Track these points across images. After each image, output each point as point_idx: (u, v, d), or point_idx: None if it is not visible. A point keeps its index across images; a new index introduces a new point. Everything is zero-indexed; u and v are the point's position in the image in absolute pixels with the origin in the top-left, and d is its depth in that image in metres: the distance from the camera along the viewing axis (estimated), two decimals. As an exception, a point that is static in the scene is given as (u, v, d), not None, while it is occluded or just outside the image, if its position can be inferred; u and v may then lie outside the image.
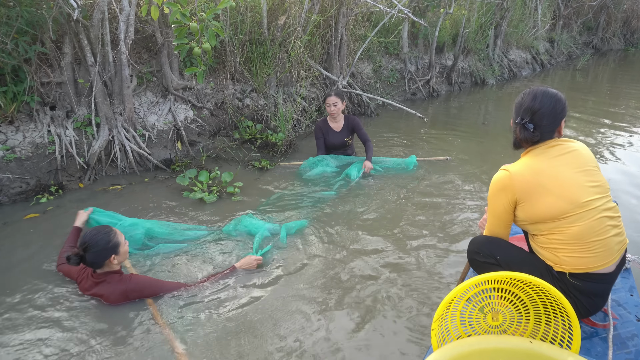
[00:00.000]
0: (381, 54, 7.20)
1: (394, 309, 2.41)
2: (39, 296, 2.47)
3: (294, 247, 3.01)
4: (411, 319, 2.33)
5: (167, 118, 4.57)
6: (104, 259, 2.30)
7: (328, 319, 2.33)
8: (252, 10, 4.92)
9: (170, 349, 2.13)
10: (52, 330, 2.23)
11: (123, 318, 2.31)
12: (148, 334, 2.22)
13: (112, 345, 2.15)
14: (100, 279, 2.36)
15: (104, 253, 2.28)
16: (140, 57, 4.54)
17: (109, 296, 2.35)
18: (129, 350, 2.12)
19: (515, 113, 1.85)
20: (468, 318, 1.68)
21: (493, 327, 1.71)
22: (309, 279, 2.66)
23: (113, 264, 2.34)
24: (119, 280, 2.37)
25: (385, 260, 2.85)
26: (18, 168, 3.64)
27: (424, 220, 3.38)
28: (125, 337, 2.20)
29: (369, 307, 2.42)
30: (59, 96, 4.00)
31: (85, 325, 2.27)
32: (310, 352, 2.12)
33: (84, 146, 3.99)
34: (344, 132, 4.30)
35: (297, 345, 2.16)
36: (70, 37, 3.84)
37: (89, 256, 2.26)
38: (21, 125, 3.81)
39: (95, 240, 2.27)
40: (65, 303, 2.41)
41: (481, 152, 4.93)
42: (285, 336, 2.21)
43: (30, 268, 2.72)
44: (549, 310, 1.64)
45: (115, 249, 2.32)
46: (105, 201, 3.65)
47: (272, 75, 5.29)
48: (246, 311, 2.38)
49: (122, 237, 2.40)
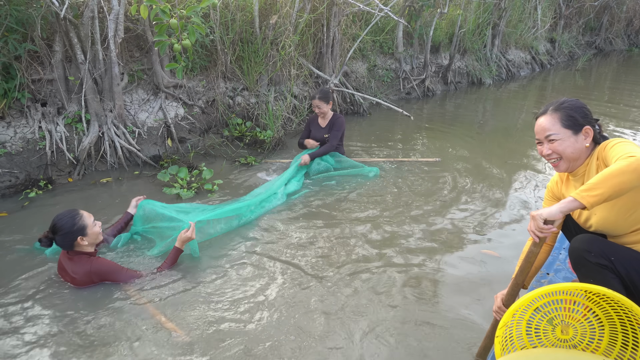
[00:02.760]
0: (376, 53, 7.23)
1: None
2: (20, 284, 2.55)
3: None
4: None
5: (157, 115, 4.65)
6: (71, 241, 2.41)
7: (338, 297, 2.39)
8: (243, 9, 4.99)
9: (156, 322, 2.25)
10: (28, 313, 2.31)
11: (95, 299, 2.43)
12: (127, 312, 2.32)
13: (92, 325, 2.24)
14: (70, 257, 2.47)
15: (70, 235, 2.39)
16: (132, 56, 4.63)
17: (75, 276, 2.45)
18: (113, 329, 2.21)
19: (589, 118, 1.79)
20: (535, 328, 1.59)
21: (562, 341, 1.58)
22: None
23: (83, 245, 2.45)
24: (86, 260, 2.46)
25: (379, 256, 2.89)
26: (8, 162, 3.73)
27: (420, 217, 3.41)
28: (105, 315, 2.30)
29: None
30: (50, 93, 4.10)
31: (60, 307, 2.35)
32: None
33: (74, 142, 4.08)
34: (325, 129, 4.36)
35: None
36: (61, 35, 3.93)
37: (57, 238, 2.40)
38: (12, 121, 3.91)
39: (61, 224, 2.38)
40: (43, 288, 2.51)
41: (477, 150, 4.94)
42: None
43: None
44: (627, 330, 1.48)
45: (81, 231, 2.42)
46: (94, 194, 3.74)
47: (264, 74, 5.35)
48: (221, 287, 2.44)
49: (90, 220, 2.49)
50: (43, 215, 3.34)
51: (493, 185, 3.99)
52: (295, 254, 2.91)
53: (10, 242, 2.99)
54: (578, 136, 1.76)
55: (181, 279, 2.63)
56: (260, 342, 2.14)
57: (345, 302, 2.43)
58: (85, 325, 2.26)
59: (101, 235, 2.60)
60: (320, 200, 3.68)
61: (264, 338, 2.17)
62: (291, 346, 2.13)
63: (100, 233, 2.57)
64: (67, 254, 2.50)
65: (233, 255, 2.89)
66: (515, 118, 6.50)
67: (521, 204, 3.63)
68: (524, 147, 5.09)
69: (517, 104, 7.31)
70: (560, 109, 1.78)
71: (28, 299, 2.43)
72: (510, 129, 5.88)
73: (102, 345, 2.13)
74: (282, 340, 2.16)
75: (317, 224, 3.29)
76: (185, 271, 2.70)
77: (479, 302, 2.43)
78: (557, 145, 1.77)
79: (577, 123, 1.75)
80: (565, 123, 1.76)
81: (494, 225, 3.29)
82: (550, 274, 2.35)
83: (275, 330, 2.23)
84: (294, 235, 3.14)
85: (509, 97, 7.90)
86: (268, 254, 2.91)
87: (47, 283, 2.56)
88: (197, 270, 2.72)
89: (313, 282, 2.61)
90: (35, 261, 2.77)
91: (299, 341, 2.15)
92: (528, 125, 6.02)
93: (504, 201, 3.70)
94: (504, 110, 7.00)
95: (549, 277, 2.32)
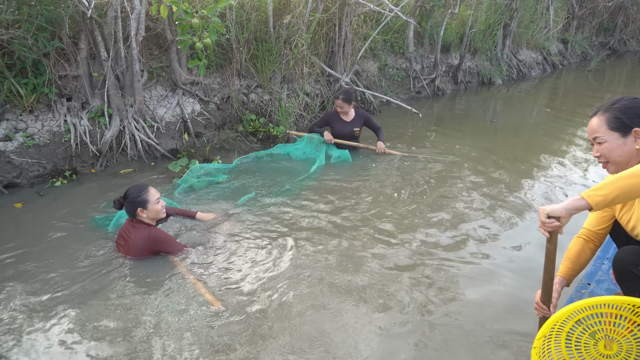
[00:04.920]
0: (387, 53, 7.36)
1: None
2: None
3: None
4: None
5: (175, 111, 4.85)
6: (133, 209, 2.80)
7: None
8: (257, 9, 5.17)
9: (197, 292, 2.50)
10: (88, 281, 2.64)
11: (147, 269, 2.75)
12: (172, 282, 2.61)
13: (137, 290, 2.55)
14: (134, 225, 2.84)
15: (132, 205, 2.79)
16: (151, 53, 4.84)
17: (133, 243, 2.78)
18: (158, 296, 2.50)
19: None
20: (575, 341, 1.52)
21: (604, 357, 1.51)
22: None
23: (142, 216, 2.82)
24: (146, 228, 2.82)
25: (393, 259, 2.91)
26: (36, 153, 3.95)
27: (431, 218, 3.46)
28: (151, 283, 2.62)
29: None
30: (75, 88, 4.32)
31: (111, 274, 2.69)
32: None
33: (97, 135, 4.29)
34: (354, 123, 4.69)
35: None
36: (86, 33, 4.14)
37: (125, 204, 2.81)
38: (40, 115, 4.14)
39: (129, 193, 2.81)
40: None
41: (487, 148, 5.04)
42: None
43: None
44: None
45: (142, 203, 2.79)
46: (115, 184, 3.95)
47: (277, 72, 5.52)
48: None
49: (154, 197, 2.85)
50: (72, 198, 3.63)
51: (502, 182, 4.09)
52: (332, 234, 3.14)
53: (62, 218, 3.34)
54: (627, 138, 1.69)
55: (221, 254, 2.91)
56: (294, 317, 2.35)
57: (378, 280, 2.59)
58: (133, 293, 2.54)
59: (163, 213, 2.94)
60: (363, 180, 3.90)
61: (297, 312, 2.38)
62: (325, 319, 2.34)
63: (161, 211, 2.91)
64: (131, 222, 2.85)
65: (271, 235, 3.14)
66: (526, 117, 6.58)
67: (533, 201, 3.70)
68: (536, 145, 5.18)
69: (528, 104, 7.38)
70: (609, 110, 1.72)
71: (82, 267, 2.77)
72: (520, 128, 5.97)
73: (145, 313, 2.37)
74: (316, 314, 2.36)
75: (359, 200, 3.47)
76: (225, 247, 2.99)
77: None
78: (604, 147, 1.73)
79: (625, 125, 1.68)
80: (611, 125, 1.70)
81: (505, 221, 3.41)
82: (592, 285, 2.26)
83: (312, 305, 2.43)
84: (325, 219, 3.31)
85: (520, 97, 7.97)
86: (304, 235, 3.16)
87: (103, 254, 2.91)
88: (239, 248, 2.99)
89: (351, 263, 2.80)
90: (93, 234, 3.15)
91: (331, 315, 2.36)
92: (539, 124, 6.09)
93: (514, 198, 3.79)
94: (514, 109, 7.07)
95: (590, 288, 2.24)
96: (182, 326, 2.28)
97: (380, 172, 4.30)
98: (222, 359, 2.08)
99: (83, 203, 3.60)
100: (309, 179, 4.04)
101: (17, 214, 3.42)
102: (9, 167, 3.81)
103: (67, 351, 2.12)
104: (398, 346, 2.16)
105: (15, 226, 3.24)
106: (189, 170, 3.90)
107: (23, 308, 2.40)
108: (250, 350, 2.12)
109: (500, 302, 2.47)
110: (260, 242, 3.06)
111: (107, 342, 2.18)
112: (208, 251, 2.93)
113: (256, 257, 2.89)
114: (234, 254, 2.91)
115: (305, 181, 3.99)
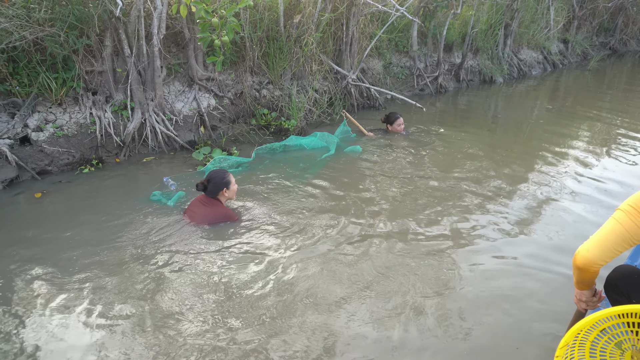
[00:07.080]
0: (391, 52, 7.63)
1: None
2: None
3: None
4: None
5: (192, 105, 5.13)
6: (218, 190, 3.28)
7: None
8: (269, 9, 5.44)
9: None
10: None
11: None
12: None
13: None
14: (206, 203, 3.29)
15: (218, 185, 3.27)
16: (170, 51, 5.12)
17: (204, 217, 3.24)
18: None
19: None
20: (600, 351, 1.48)
21: None
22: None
23: (225, 196, 3.31)
24: (221, 207, 3.32)
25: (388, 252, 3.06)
26: (66, 143, 4.24)
27: (430, 216, 3.56)
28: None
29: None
30: (100, 83, 4.60)
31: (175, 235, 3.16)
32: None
33: (120, 127, 4.58)
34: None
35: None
36: (111, 31, 4.43)
37: (209, 186, 3.26)
38: (68, 107, 4.42)
39: (214, 176, 3.29)
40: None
41: (488, 142, 5.27)
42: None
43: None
44: None
45: (227, 184, 3.30)
46: (137, 171, 4.24)
47: (287, 69, 5.79)
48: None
49: (233, 180, 3.34)
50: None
51: (504, 177, 4.27)
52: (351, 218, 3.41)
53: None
54: None
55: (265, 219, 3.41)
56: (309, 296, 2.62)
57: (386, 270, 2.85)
58: (195, 258, 2.94)
59: (235, 195, 3.41)
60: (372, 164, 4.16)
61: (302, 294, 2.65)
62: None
63: (235, 192, 3.40)
64: (203, 202, 3.29)
65: (301, 216, 3.47)
66: (527, 114, 6.82)
67: (538, 197, 3.83)
68: (536, 141, 5.42)
69: (529, 102, 7.63)
70: None
71: (154, 231, 3.23)
72: (521, 124, 6.21)
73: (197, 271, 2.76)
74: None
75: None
76: (261, 220, 3.42)
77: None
78: None
79: None
80: None
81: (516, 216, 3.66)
82: None
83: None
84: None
85: (520, 94, 8.22)
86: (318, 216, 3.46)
87: (168, 222, 3.33)
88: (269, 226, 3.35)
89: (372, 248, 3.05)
90: (153, 208, 3.55)
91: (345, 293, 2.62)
92: (540, 120, 6.34)
93: (518, 194, 3.93)
94: (515, 106, 7.32)
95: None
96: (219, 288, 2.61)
97: (388, 166, 4.56)
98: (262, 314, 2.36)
99: (136, 185, 4.04)
100: (317, 166, 4.34)
101: (72, 192, 3.86)
102: (41, 155, 4.10)
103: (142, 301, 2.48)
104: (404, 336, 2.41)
105: (70, 204, 3.68)
106: (213, 160, 4.20)
107: (95, 267, 2.80)
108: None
109: (518, 305, 2.51)
110: (274, 229, 3.33)
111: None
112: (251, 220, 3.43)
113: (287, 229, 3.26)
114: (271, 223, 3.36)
115: (316, 168, 4.28)
